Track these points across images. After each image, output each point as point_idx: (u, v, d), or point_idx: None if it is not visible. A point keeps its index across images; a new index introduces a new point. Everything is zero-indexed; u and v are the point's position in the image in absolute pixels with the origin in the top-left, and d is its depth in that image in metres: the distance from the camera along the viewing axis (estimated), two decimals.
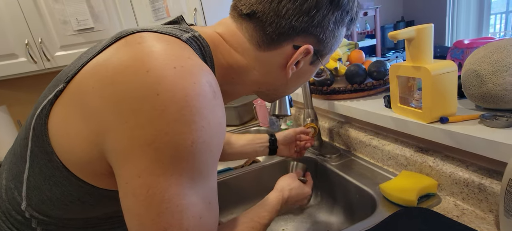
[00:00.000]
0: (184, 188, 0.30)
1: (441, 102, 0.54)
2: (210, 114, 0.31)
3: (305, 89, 0.80)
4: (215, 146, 0.33)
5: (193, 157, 0.30)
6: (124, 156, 0.30)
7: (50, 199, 0.36)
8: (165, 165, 0.29)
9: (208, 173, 0.33)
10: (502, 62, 0.49)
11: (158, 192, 0.29)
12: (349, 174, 0.69)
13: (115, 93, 0.29)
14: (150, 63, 0.29)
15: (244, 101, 1.26)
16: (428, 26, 0.53)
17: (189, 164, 0.30)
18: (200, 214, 0.32)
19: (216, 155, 0.34)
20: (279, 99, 0.53)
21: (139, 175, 0.29)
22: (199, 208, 0.32)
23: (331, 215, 0.75)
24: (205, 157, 0.31)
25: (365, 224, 0.51)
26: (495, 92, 0.51)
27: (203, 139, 0.30)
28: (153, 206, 0.30)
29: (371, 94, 0.81)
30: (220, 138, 0.34)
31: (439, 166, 0.55)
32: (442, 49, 2.66)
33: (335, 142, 0.87)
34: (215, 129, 0.32)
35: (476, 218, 0.48)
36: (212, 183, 0.35)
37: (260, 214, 0.48)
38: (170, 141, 0.29)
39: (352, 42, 0.93)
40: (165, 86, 0.28)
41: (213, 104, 0.31)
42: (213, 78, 0.33)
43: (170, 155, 0.29)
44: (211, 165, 0.34)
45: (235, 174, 0.81)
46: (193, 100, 0.29)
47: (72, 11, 1.39)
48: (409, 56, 0.56)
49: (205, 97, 0.30)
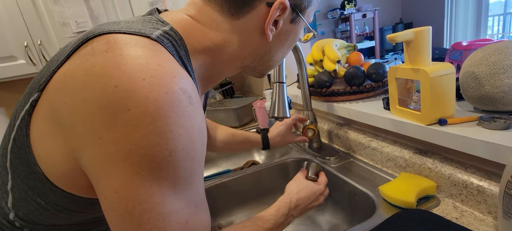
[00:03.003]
0: (165, 196, 0.30)
1: (439, 104, 0.54)
2: (187, 121, 0.30)
3: (304, 91, 0.80)
4: (197, 151, 0.32)
5: (173, 166, 0.30)
6: (101, 172, 0.29)
7: (37, 209, 0.36)
8: (143, 177, 0.29)
9: (192, 178, 0.33)
10: (500, 64, 0.50)
11: (138, 204, 0.29)
12: (348, 176, 0.69)
13: (86, 110, 0.29)
14: (118, 78, 0.28)
15: (243, 104, 1.26)
16: (426, 29, 0.53)
17: (169, 173, 0.30)
18: (186, 219, 0.32)
19: (199, 159, 0.33)
20: (270, 70, 0.49)
21: (116, 190, 0.29)
22: (184, 214, 0.31)
23: (330, 217, 0.75)
24: (186, 164, 0.31)
25: (364, 226, 0.51)
26: (493, 94, 0.51)
27: (182, 147, 0.30)
28: (134, 218, 0.29)
29: (370, 96, 0.81)
30: (201, 142, 0.33)
31: (438, 167, 0.55)
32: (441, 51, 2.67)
33: (334, 143, 0.88)
34: (195, 134, 0.31)
35: (475, 219, 0.48)
36: (197, 187, 0.34)
37: (264, 218, 0.47)
38: (146, 154, 0.28)
39: (351, 44, 0.94)
40: (136, 101, 0.28)
41: (189, 110, 0.31)
42: (187, 83, 0.32)
43: (147, 167, 0.29)
44: (195, 170, 0.33)
45: (235, 176, 0.81)
46: (167, 111, 0.28)
47: (72, 13, 1.39)
48: (408, 59, 0.57)
49: (179, 106, 0.30)
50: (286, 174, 0.85)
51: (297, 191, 0.54)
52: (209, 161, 1.12)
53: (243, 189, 0.82)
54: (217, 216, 0.82)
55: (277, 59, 0.47)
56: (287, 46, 0.46)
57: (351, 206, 0.68)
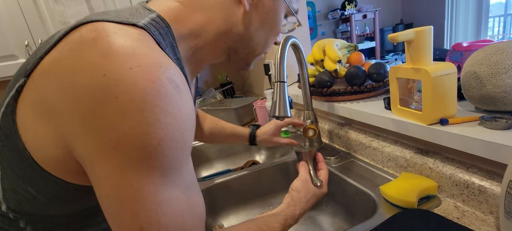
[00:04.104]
0: (157, 185, 0.30)
1: (441, 104, 0.54)
2: (175, 110, 0.31)
3: (305, 91, 0.80)
4: (185, 140, 0.33)
5: (163, 155, 0.30)
6: (93, 159, 0.30)
7: (27, 199, 0.36)
8: (134, 166, 0.29)
9: (182, 167, 0.33)
10: (501, 64, 0.50)
11: (130, 193, 0.29)
12: (349, 175, 0.69)
13: (76, 97, 0.29)
14: (106, 66, 0.28)
15: (244, 104, 1.26)
16: (428, 28, 0.53)
17: (159, 162, 0.30)
18: (181, 211, 0.32)
19: (188, 148, 0.34)
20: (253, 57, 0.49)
21: (108, 177, 0.29)
22: (177, 203, 0.32)
23: (331, 216, 0.75)
24: (175, 153, 0.31)
25: (365, 225, 0.51)
26: (495, 94, 0.51)
27: (171, 136, 0.30)
28: (127, 207, 0.29)
29: (371, 96, 0.81)
30: (189, 131, 0.34)
31: (439, 167, 0.55)
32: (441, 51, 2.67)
33: (335, 143, 0.88)
34: (183, 123, 0.32)
35: (477, 219, 0.48)
36: (188, 177, 0.34)
37: (271, 224, 0.45)
38: (135, 142, 0.28)
39: (352, 44, 0.94)
40: (124, 89, 0.28)
41: (177, 99, 0.31)
42: (175, 73, 0.32)
43: (137, 156, 0.29)
44: (184, 159, 0.33)
45: (235, 175, 0.81)
46: (154, 99, 0.29)
47: (73, 13, 1.39)
48: (409, 58, 0.57)
49: (166, 95, 0.30)
50: (287, 174, 0.85)
51: (307, 200, 0.52)
52: (209, 161, 1.12)
53: (243, 188, 0.82)
54: (218, 216, 0.82)
55: (259, 42, 0.47)
56: (267, 27, 0.46)
57: (352, 206, 0.68)
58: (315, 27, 3.82)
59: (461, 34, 3.69)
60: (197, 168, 1.11)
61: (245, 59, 0.49)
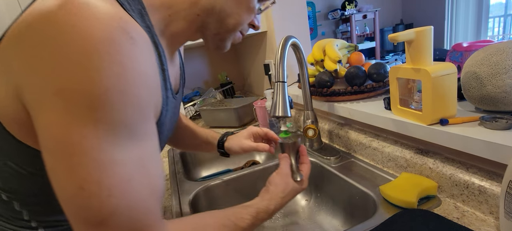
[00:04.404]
0: (103, 141, 0.28)
1: (441, 104, 0.54)
2: (128, 62, 0.29)
3: (305, 91, 0.80)
4: (141, 97, 0.31)
5: (110, 107, 0.28)
6: (37, 108, 0.29)
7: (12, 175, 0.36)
8: (76, 115, 0.28)
9: (138, 130, 0.31)
10: (502, 64, 0.50)
11: (70, 144, 0.28)
12: (349, 175, 0.69)
13: (25, 45, 0.28)
14: (58, 15, 0.28)
15: (244, 104, 1.26)
16: (428, 29, 0.53)
17: (105, 114, 0.28)
18: (129, 176, 0.30)
19: (146, 111, 0.32)
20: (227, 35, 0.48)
21: (49, 126, 0.28)
22: (127, 169, 0.30)
23: (331, 217, 0.75)
24: (126, 109, 0.29)
25: (365, 225, 0.51)
26: (495, 95, 0.51)
27: (120, 88, 0.29)
28: (65, 159, 0.28)
29: (371, 96, 0.81)
30: (148, 89, 0.32)
31: (439, 167, 0.55)
32: (441, 52, 2.68)
33: (335, 143, 0.88)
34: (138, 78, 0.30)
35: (476, 220, 0.48)
36: (147, 147, 0.33)
37: (240, 215, 0.43)
38: (79, 89, 0.27)
39: (352, 44, 0.94)
40: (71, 35, 0.27)
41: (130, 50, 0.29)
42: (132, 27, 0.31)
43: (80, 104, 0.27)
44: (142, 122, 0.32)
45: (235, 175, 0.81)
46: (103, 46, 0.28)
47: None
48: (409, 58, 0.57)
49: (117, 43, 0.28)
50: None
51: (284, 195, 0.50)
52: (209, 161, 1.12)
53: (243, 188, 0.82)
54: None
55: (231, 15, 0.45)
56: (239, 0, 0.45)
57: (352, 206, 0.68)
58: (315, 27, 3.82)
59: (461, 35, 3.69)
60: (197, 168, 1.11)
61: (218, 35, 0.47)
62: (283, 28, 1.29)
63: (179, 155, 1.02)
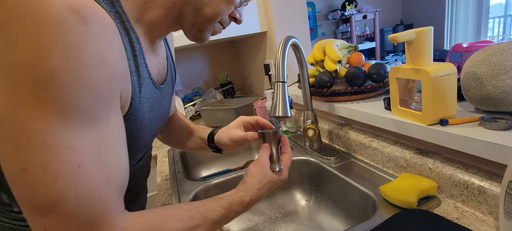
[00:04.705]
0: (52, 124, 0.28)
1: (441, 104, 0.54)
2: (78, 44, 0.28)
3: (305, 91, 0.80)
4: (95, 81, 0.30)
5: (59, 89, 0.27)
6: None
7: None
8: (23, 94, 0.27)
9: (95, 117, 0.30)
10: (501, 65, 0.50)
11: (15, 125, 0.27)
12: (349, 176, 0.69)
13: None
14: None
15: (244, 103, 1.26)
16: (428, 29, 0.53)
17: (54, 96, 0.27)
18: (80, 162, 0.29)
19: (103, 96, 0.31)
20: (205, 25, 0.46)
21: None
22: (78, 155, 0.29)
23: (331, 217, 0.75)
24: (78, 92, 0.28)
25: (365, 226, 0.51)
26: (495, 95, 0.51)
27: (70, 69, 0.28)
28: (12, 140, 0.27)
29: (371, 97, 0.81)
30: (106, 73, 0.31)
31: (439, 168, 0.55)
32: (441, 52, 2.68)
33: (335, 144, 0.88)
34: (91, 61, 0.29)
35: (476, 220, 0.48)
36: (106, 133, 0.31)
37: (211, 208, 0.42)
38: (26, 67, 0.26)
39: (352, 45, 0.94)
40: (19, 16, 0.26)
41: (80, 31, 0.28)
42: (87, 8, 0.29)
43: (28, 83, 0.27)
44: (98, 108, 0.30)
45: (235, 175, 0.81)
46: (48, 27, 0.27)
47: None
48: (409, 59, 0.57)
49: (64, 24, 0.27)
50: None
51: (260, 187, 0.48)
52: (209, 161, 1.12)
53: None
54: None
55: (208, 4, 0.44)
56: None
57: (352, 206, 0.68)
58: (315, 28, 3.82)
59: (461, 35, 3.70)
60: (197, 168, 1.11)
61: (195, 26, 0.46)
62: (283, 29, 1.29)
63: (179, 155, 1.02)
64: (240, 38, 1.63)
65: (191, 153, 1.08)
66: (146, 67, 0.42)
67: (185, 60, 1.84)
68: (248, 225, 0.79)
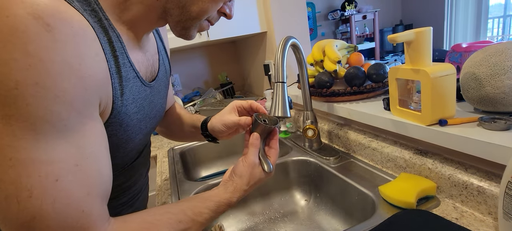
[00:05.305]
0: (20, 139, 0.26)
1: (440, 104, 0.54)
2: (42, 52, 0.27)
3: (305, 92, 0.81)
4: (64, 90, 0.28)
5: (23, 102, 0.26)
6: None
7: None
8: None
9: (70, 128, 0.29)
10: (500, 65, 0.50)
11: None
12: (349, 176, 0.69)
13: None
14: None
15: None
16: (427, 29, 0.53)
17: (18, 110, 0.26)
18: (56, 175, 0.28)
19: (76, 104, 0.29)
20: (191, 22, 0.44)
21: None
22: (53, 168, 0.28)
23: (330, 217, 0.75)
24: (46, 103, 0.27)
25: (364, 226, 0.51)
26: (494, 95, 0.51)
27: (35, 80, 0.26)
28: None
29: (371, 97, 0.81)
30: (74, 80, 0.29)
31: (438, 168, 0.56)
32: (441, 52, 2.68)
33: (334, 144, 0.88)
34: (59, 69, 0.28)
35: (475, 220, 0.48)
36: (85, 143, 0.30)
37: (198, 210, 0.41)
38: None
39: (352, 45, 0.94)
40: None
41: (44, 39, 0.27)
42: (49, 13, 0.27)
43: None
44: (70, 117, 0.29)
45: None
46: (8, 36, 0.25)
47: None
48: (408, 59, 0.57)
49: (26, 32, 0.26)
50: (286, 174, 0.85)
51: (248, 187, 0.47)
52: (209, 161, 1.12)
53: None
54: None
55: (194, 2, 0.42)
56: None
57: (351, 206, 0.68)
58: (315, 28, 3.82)
59: (461, 35, 3.70)
60: (197, 168, 1.11)
61: (181, 23, 0.44)
62: (283, 29, 1.30)
63: (179, 155, 1.02)
64: (240, 38, 1.63)
65: (191, 153, 1.08)
66: (131, 66, 0.40)
67: (185, 60, 1.84)
68: (248, 225, 0.79)
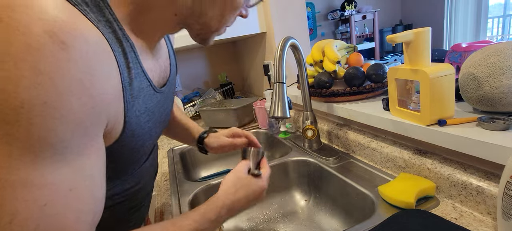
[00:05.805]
0: (15, 160, 0.25)
1: (439, 105, 0.54)
2: (53, 70, 0.26)
3: (304, 92, 0.81)
4: (73, 111, 0.27)
5: (28, 122, 0.25)
6: None
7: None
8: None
9: (70, 150, 0.28)
10: (499, 65, 0.50)
11: None
12: (348, 176, 0.69)
13: None
14: None
15: (244, 104, 1.26)
16: (426, 30, 0.53)
17: (20, 130, 0.25)
18: (45, 200, 0.26)
19: (83, 125, 0.28)
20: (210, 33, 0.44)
21: None
22: (44, 192, 0.27)
23: (329, 217, 0.75)
24: (51, 124, 0.26)
25: (363, 226, 0.52)
26: (492, 95, 0.51)
27: (43, 100, 0.25)
28: None
29: (370, 97, 0.82)
30: (84, 100, 0.28)
31: (437, 168, 0.56)
32: (440, 52, 2.67)
33: (334, 144, 0.88)
34: (68, 87, 0.27)
35: (474, 220, 0.48)
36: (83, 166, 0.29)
37: (180, 223, 0.40)
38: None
39: (351, 45, 0.94)
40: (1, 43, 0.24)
41: (58, 57, 0.26)
42: (65, 30, 0.27)
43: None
44: (74, 138, 0.28)
45: None
46: (20, 53, 0.25)
47: None
48: (407, 59, 0.57)
49: (40, 49, 0.25)
50: (286, 174, 0.86)
51: (235, 190, 0.47)
52: (209, 161, 1.13)
53: None
54: None
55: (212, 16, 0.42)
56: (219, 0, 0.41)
57: (351, 206, 0.68)
58: (315, 28, 3.82)
59: (460, 35, 3.70)
60: (197, 168, 1.11)
61: (200, 35, 0.45)
62: (282, 29, 1.30)
63: (179, 156, 1.02)
64: (240, 38, 1.63)
65: (191, 153, 1.09)
66: (144, 76, 0.40)
67: (185, 60, 1.84)
68: (248, 225, 0.79)
